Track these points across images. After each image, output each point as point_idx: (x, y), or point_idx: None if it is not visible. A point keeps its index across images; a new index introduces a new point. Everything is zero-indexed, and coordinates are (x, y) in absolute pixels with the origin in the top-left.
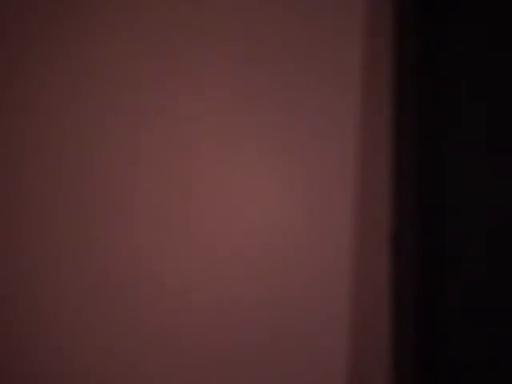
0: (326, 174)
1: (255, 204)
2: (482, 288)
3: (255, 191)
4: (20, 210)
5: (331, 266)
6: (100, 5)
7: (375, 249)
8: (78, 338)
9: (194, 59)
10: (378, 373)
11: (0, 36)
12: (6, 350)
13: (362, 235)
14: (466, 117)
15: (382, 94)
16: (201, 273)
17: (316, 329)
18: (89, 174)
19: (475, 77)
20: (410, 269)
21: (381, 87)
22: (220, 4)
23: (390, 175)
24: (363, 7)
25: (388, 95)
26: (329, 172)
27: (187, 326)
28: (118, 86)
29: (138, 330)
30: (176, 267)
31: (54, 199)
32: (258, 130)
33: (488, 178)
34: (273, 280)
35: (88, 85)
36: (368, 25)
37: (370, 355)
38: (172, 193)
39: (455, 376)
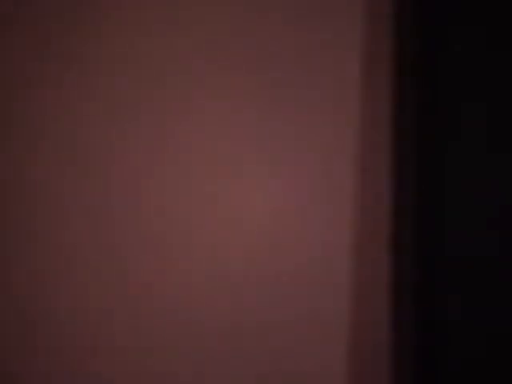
0: (326, 174)
1: (255, 205)
2: (482, 288)
3: (255, 192)
4: (32, 211)
5: (331, 266)
6: (101, 5)
7: (375, 249)
8: (88, 339)
9: (195, 62)
10: (378, 373)
11: (2, 37)
12: (10, 351)
13: (362, 235)
14: (466, 117)
15: (382, 94)
16: (201, 273)
17: (316, 329)
18: (96, 175)
19: (475, 77)
20: (410, 269)
21: (381, 87)
22: (221, 11)
23: (389, 175)
24: (363, 7)
25: (388, 95)
26: (329, 172)
27: (187, 326)
28: (118, 85)
29: (141, 330)
30: (177, 267)
31: (67, 201)
32: (257, 130)
33: (488, 177)
34: (272, 280)
35: (88, 85)
36: (368, 25)
37: (369, 355)
38: (175, 193)
39: (455, 376)
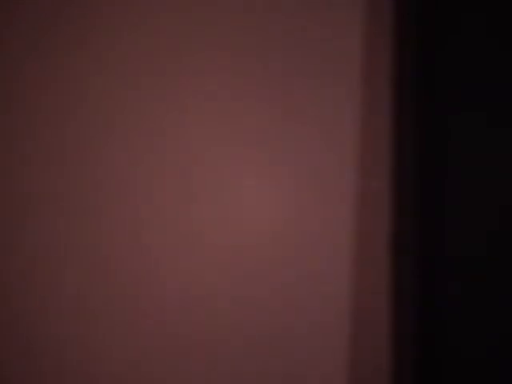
0: (327, 174)
1: (254, 205)
2: (482, 288)
3: (254, 192)
4: (22, 210)
5: (331, 266)
6: (102, 7)
7: (375, 249)
8: (81, 337)
9: (194, 61)
10: (378, 373)
11: (1, 37)
12: (10, 350)
13: (362, 235)
14: (466, 117)
15: (382, 94)
16: (199, 273)
17: (316, 329)
18: (91, 174)
19: (475, 76)
20: (410, 269)
21: (381, 87)
22: (221, 16)
23: (390, 175)
24: (364, 7)
25: (388, 95)
26: (329, 172)
27: (187, 326)
28: (120, 86)
29: (140, 330)
30: (177, 267)
31: (58, 200)
32: (258, 129)
33: (489, 177)
34: (273, 280)
35: (90, 86)
36: (368, 24)
37: (369, 355)
38: (174, 193)
39: (455, 376)
